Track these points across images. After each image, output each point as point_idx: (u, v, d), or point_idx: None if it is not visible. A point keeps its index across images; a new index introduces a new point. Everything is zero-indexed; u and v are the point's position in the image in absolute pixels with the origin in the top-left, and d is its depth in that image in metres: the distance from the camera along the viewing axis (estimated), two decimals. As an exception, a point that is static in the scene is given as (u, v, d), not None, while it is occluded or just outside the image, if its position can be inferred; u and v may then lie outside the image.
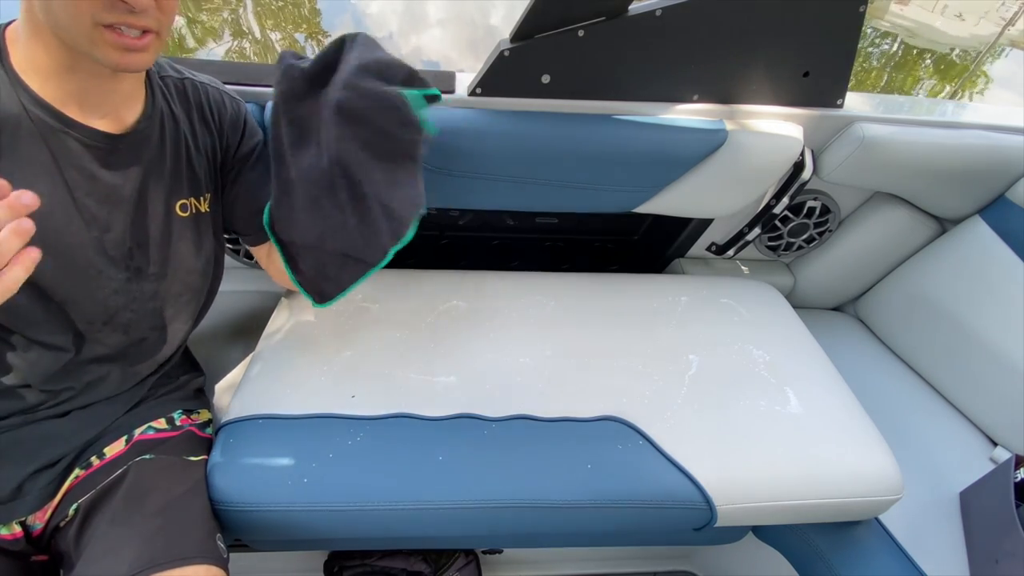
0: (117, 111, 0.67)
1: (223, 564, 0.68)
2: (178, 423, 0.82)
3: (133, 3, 0.56)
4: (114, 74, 0.63)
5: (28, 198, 0.45)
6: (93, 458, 0.74)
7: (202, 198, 0.78)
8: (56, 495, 0.71)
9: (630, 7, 0.92)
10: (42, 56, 0.59)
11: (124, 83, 0.66)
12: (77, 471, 0.73)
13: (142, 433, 0.78)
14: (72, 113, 0.62)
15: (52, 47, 0.59)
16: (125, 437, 0.77)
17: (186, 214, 0.76)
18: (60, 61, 0.60)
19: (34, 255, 0.46)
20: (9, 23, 0.62)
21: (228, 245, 1.15)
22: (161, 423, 0.80)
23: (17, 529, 0.70)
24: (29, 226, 0.45)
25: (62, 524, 0.71)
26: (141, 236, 0.72)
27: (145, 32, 0.58)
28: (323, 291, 0.87)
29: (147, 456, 0.75)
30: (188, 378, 0.89)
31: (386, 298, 1.07)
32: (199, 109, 0.77)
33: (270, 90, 0.95)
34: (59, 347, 0.69)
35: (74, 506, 0.70)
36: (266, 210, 0.84)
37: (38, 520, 0.71)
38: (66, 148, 0.63)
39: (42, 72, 0.60)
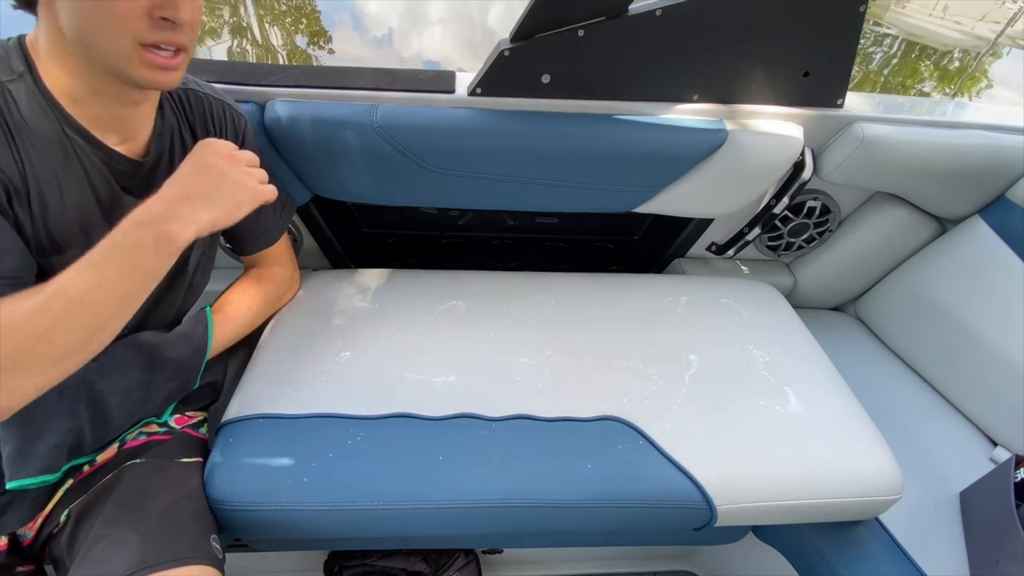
0: (133, 131, 0.69)
1: (218, 564, 0.67)
2: (171, 423, 0.82)
3: (178, 19, 0.58)
4: (139, 97, 0.65)
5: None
6: (84, 465, 0.74)
7: None
8: (47, 505, 0.71)
9: (630, 7, 0.92)
10: (69, 80, 0.60)
11: (144, 105, 0.68)
12: (68, 479, 0.73)
13: (134, 439, 0.78)
14: (96, 133, 0.64)
15: (79, 71, 0.60)
16: (117, 443, 0.76)
17: None
18: (88, 85, 0.61)
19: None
20: (23, 36, 0.62)
21: (227, 245, 1.15)
22: (153, 427, 0.80)
23: (2, 541, 0.69)
24: None
25: (55, 531, 0.70)
26: None
27: (178, 51, 0.60)
28: None
29: (138, 460, 0.75)
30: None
31: (386, 298, 1.07)
32: (201, 120, 0.78)
33: (270, 90, 0.96)
34: None
35: (65, 512, 0.70)
36: None
37: (28, 530, 0.71)
38: (97, 169, 0.65)
39: (68, 95, 0.61)
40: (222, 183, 0.62)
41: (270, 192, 0.68)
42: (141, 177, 0.70)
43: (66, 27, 0.57)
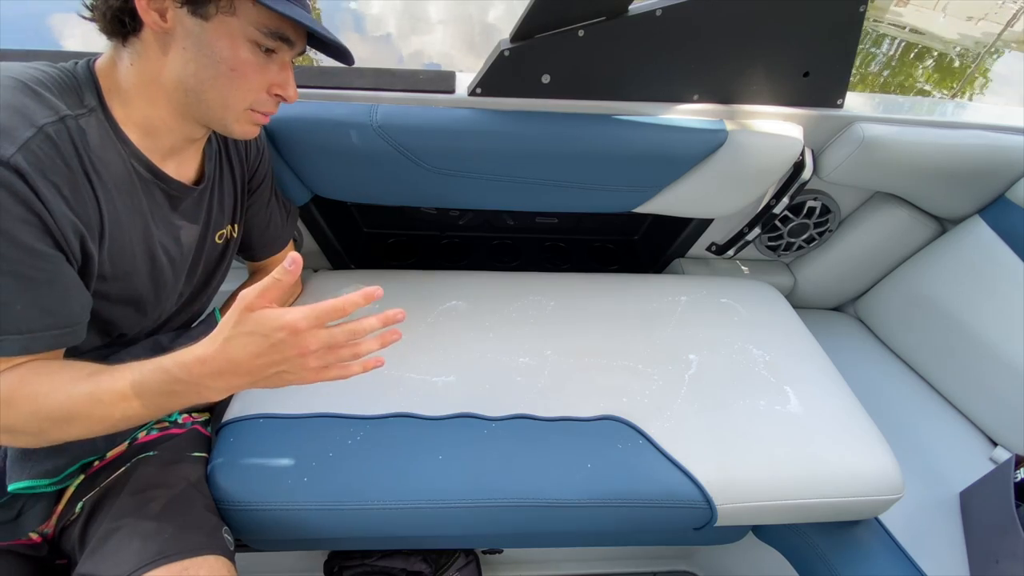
0: (189, 159, 0.72)
1: (230, 555, 0.68)
2: (180, 420, 0.82)
3: (290, 99, 0.66)
4: (205, 132, 0.69)
5: (401, 316, 0.59)
6: (95, 460, 0.74)
7: (234, 224, 0.83)
8: (60, 502, 0.72)
9: (630, 7, 0.92)
10: (149, 115, 0.63)
11: (204, 140, 0.72)
12: (80, 475, 0.73)
13: (147, 434, 0.78)
14: (157, 162, 0.66)
15: (165, 109, 0.63)
16: (128, 440, 0.77)
17: (221, 241, 0.81)
18: (167, 122, 0.64)
19: (378, 364, 0.60)
20: (94, 60, 0.62)
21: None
22: (164, 423, 0.81)
23: (35, 536, 0.70)
24: (397, 338, 0.59)
25: (67, 524, 0.71)
26: (191, 267, 0.77)
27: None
28: None
29: (150, 453, 0.75)
30: None
31: (386, 298, 1.07)
32: (232, 139, 0.80)
33: None
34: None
35: (80, 504, 0.71)
36: None
37: (46, 527, 0.71)
38: (153, 198, 0.67)
39: (142, 128, 0.63)
40: (277, 374, 0.55)
41: (319, 380, 0.58)
42: (192, 200, 0.73)
43: (177, 76, 0.60)
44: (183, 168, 0.71)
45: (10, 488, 0.65)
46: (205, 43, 0.58)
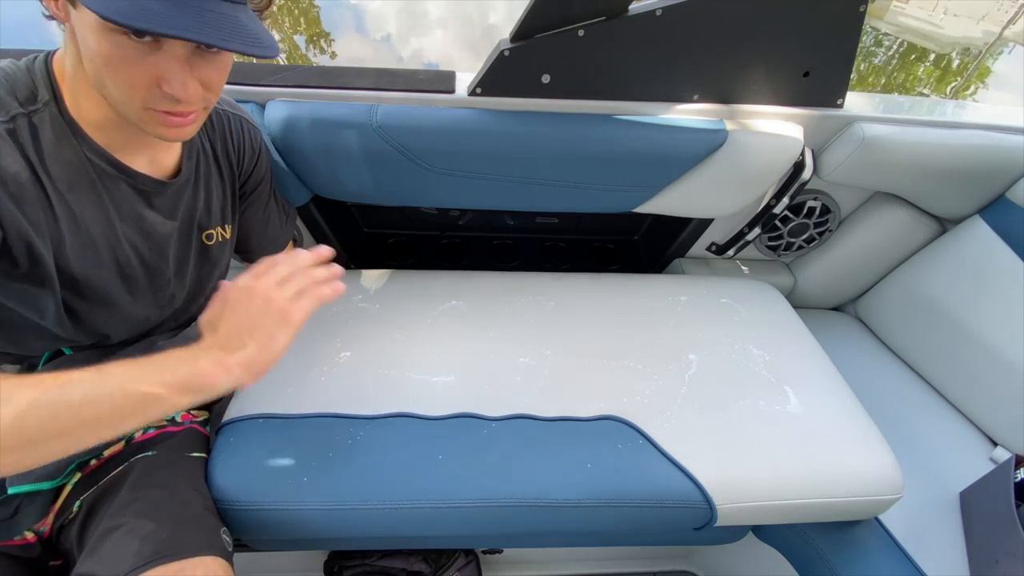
0: (160, 154, 0.69)
1: (228, 557, 0.68)
2: (178, 419, 0.82)
3: (180, 98, 0.55)
4: None
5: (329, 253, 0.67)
6: (91, 460, 0.74)
7: (226, 225, 0.81)
8: (57, 501, 0.71)
9: (630, 7, 0.92)
10: (94, 110, 0.60)
11: None
12: (77, 473, 0.73)
13: (143, 433, 0.78)
14: (121, 158, 0.64)
15: (100, 104, 0.59)
16: (124, 440, 0.77)
17: (211, 242, 0.79)
18: (108, 117, 0.60)
19: (338, 291, 0.68)
20: (51, 54, 0.60)
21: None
22: (162, 422, 0.81)
23: (30, 535, 0.70)
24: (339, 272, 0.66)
25: (65, 523, 0.71)
26: (178, 268, 0.75)
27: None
28: None
29: (149, 452, 0.75)
30: None
31: (386, 298, 1.07)
32: (223, 140, 0.78)
33: (270, 89, 0.96)
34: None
35: (77, 503, 0.71)
36: None
37: (43, 525, 0.71)
38: (118, 192, 0.65)
39: (95, 122, 0.61)
40: (257, 324, 0.61)
41: (302, 312, 0.65)
42: (168, 196, 0.70)
43: (90, 75, 0.55)
44: (158, 163, 0.68)
45: (11, 491, 0.65)
46: (80, 35, 0.53)
